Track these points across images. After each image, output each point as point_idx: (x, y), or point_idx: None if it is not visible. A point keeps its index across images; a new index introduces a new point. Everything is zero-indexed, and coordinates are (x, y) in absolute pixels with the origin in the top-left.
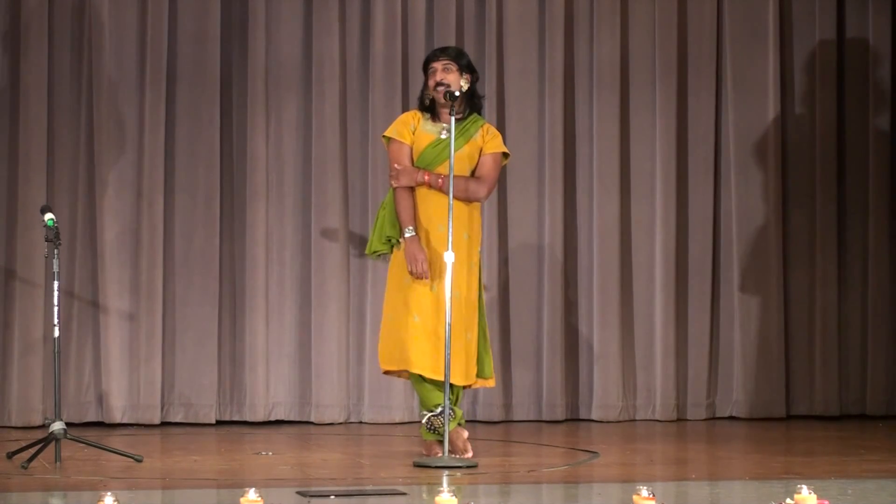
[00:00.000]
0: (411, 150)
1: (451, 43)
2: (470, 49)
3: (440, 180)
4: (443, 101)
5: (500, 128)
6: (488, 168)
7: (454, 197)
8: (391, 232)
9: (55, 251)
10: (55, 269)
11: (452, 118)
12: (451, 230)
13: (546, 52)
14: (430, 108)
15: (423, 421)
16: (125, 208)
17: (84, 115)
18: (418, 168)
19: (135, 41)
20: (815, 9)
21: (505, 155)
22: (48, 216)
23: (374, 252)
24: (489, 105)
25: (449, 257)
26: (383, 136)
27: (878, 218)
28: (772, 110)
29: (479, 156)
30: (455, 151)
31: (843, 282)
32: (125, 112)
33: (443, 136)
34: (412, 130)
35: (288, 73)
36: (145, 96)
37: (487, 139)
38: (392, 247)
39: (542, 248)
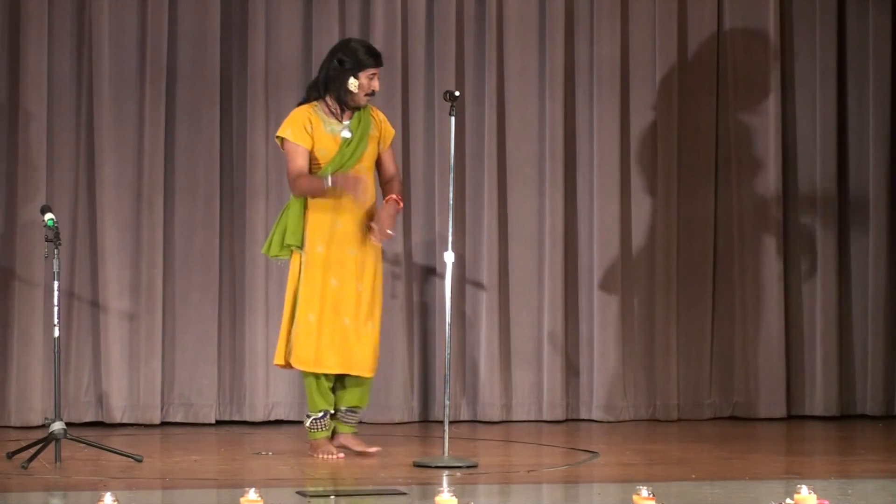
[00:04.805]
0: (309, 153)
1: (452, 43)
2: (470, 49)
3: (338, 181)
4: (361, 104)
5: (500, 128)
6: (395, 164)
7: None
8: (291, 240)
9: (55, 251)
10: (55, 269)
11: (452, 118)
12: (451, 229)
13: (546, 52)
14: (340, 102)
15: (307, 424)
16: (125, 208)
17: (84, 115)
18: (318, 176)
19: (135, 41)
20: (815, 8)
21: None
22: (48, 216)
23: (275, 256)
24: (489, 105)
25: (449, 257)
26: (277, 137)
27: (877, 218)
28: (772, 110)
29: (379, 149)
30: (363, 151)
31: (843, 282)
32: (125, 112)
33: (345, 135)
34: (309, 132)
35: (288, 73)
36: (145, 96)
37: (383, 129)
38: (291, 252)
39: (542, 248)
